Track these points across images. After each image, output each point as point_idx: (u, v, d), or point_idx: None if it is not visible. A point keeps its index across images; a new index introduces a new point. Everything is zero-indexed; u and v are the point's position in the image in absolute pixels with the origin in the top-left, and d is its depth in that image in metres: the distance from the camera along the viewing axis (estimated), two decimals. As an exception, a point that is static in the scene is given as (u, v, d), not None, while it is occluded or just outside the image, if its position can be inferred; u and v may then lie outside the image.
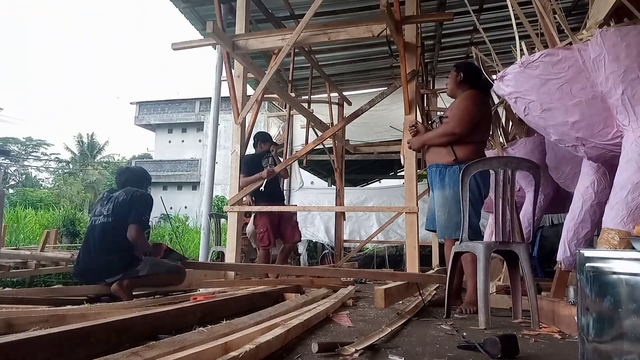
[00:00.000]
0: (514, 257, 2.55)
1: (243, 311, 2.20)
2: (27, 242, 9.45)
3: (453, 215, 2.81)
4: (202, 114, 29.73)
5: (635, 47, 2.03)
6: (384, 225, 7.28)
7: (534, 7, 2.39)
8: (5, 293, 2.79)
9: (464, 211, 2.50)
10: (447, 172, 2.91)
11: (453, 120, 2.93)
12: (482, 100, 3.01)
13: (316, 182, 14.13)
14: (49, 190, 28.83)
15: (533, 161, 2.79)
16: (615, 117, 2.13)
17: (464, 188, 2.48)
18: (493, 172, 2.47)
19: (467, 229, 2.51)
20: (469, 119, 2.90)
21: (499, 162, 2.50)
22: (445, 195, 2.90)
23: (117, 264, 2.92)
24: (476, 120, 2.92)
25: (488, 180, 2.73)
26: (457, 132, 2.89)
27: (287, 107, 7.65)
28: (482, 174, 2.76)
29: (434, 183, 3.01)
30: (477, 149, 2.96)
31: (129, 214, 3.05)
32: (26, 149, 36.72)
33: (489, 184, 2.71)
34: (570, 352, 1.66)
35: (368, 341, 1.66)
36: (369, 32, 4.10)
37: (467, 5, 4.49)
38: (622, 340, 1.19)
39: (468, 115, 2.91)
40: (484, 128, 3.05)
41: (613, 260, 1.25)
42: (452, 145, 2.93)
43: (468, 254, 2.70)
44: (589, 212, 2.54)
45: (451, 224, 2.83)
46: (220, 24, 4.57)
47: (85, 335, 1.48)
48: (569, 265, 2.49)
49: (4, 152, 15.37)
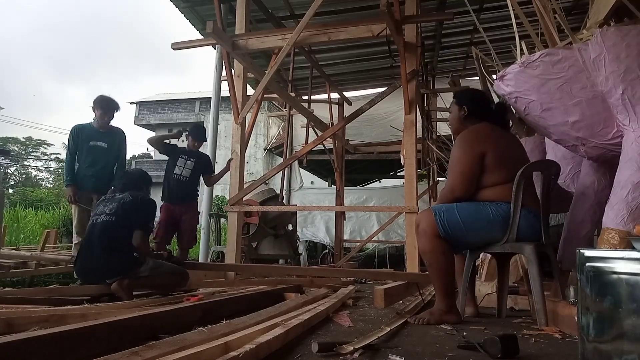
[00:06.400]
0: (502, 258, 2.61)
1: (243, 311, 2.20)
2: (27, 242, 9.45)
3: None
4: (202, 113, 29.70)
5: (636, 46, 2.03)
6: (384, 225, 7.27)
7: (534, 6, 2.39)
8: (5, 293, 2.79)
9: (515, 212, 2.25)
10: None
11: (449, 176, 2.45)
12: (474, 137, 2.37)
13: (316, 182, 14.14)
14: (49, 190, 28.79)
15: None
16: (616, 116, 2.13)
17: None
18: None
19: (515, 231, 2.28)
20: (462, 171, 2.33)
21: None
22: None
23: (118, 264, 2.92)
24: (473, 166, 2.30)
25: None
26: (457, 194, 2.34)
27: (287, 107, 7.65)
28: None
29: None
30: (495, 192, 2.32)
31: (133, 217, 3.06)
32: (26, 149, 36.70)
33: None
34: (570, 352, 1.66)
35: (367, 340, 1.66)
36: (369, 31, 4.10)
37: (467, 5, 4.49)
38: (622, 340, 1.19)
39: (460, 167, 2.33)
40: (496, 162, 2.30)
41: (613, 260, 1.25)
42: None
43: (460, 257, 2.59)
44: (588, 212, 2.54)
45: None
46: (220, 24, 4.57)
47: (85, 335, 1.48)
48: (569, 265, 2.49)
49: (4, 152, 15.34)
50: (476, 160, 2.30)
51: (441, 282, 2.29)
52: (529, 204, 2.31)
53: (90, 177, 4.19)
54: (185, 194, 4.59)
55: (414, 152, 4.26)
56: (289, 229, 6.54)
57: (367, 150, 9.35)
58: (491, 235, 2.32)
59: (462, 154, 2.35)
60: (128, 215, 3.04)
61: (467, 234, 2.30)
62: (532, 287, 2.25)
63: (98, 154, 4.24)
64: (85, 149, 4.22)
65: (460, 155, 2.36)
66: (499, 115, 2.55)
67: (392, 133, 8.19)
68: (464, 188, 2.33)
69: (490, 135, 2.37)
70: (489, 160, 2.30)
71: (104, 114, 4.25)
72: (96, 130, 4.29)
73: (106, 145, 4.28)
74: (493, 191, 2.31)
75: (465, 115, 2.50)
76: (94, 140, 4.25)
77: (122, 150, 4.41)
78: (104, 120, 4.27)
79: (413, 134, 4.29)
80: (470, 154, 2.31)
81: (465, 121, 2.49)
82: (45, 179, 37.68)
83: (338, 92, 7.82)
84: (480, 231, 2.32)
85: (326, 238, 9.67)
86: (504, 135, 2.46)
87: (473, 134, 2.39)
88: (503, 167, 2.31)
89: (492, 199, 2.30)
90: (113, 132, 4.36)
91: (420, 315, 2.27)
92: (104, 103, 4.26)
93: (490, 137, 2.36)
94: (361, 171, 12.02)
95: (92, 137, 4.25)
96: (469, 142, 2.36)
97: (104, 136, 4.29)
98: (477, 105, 2.52)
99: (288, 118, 8.10)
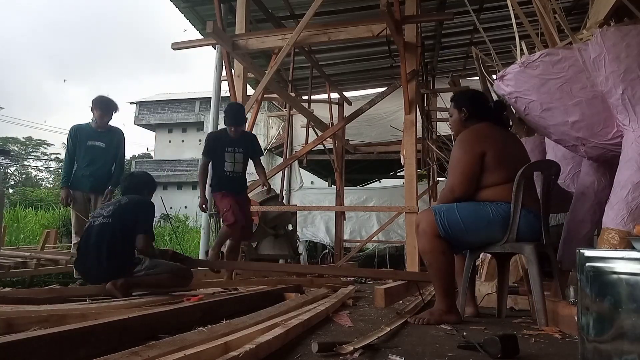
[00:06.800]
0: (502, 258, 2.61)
1: (243, 311, 2.20)
2: (27, 242, 9.45)
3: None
4: (202, 113, 29.74)
5: (636, 46, 2.03)
6: (384, 225, 7.28)
7: (534, 6, 2.39)
8: (5, 293, 2.79)
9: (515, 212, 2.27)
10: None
11: (449, 176, 2.46)
12: (474, 137, 2.38)
13: (316, 182, 14.15)
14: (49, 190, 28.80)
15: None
16: (616, 116, 2.13)
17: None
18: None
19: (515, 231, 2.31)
20: (462, 171, 2.33)
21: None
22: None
23: (114, 267, 2.90)
24: (473, 166, 2.30)
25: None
26: (457, 194, 2.34)
27: (287, 106, 7.65)
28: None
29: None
30: (495, 192, 2.33)
31: (131, 220, 3.05)
32: (26, 149, 36.72)
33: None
34: (570, 352, 1.66)
35: (367, 340, 1.66)
36: (369, 31, 4.10)
37: (467, 5, 4.49)
38: (622, 340, 1.19)
39: (460, 167, 2.34)
40: (496, 162, 2.31)
41: (613, 260, 1.25)
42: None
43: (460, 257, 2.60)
44: (589, 212, 2.54)
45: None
46: (220, 24, 4.57)
47: (85, 335, 1.48)
48: (569, 265, 2.49)
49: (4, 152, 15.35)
50: (476, 160, 2.30)
51: (441, 282, 2.29)
52: (529, 204, 2.30)
53: (87, 177, 4.19)
54: (240, 188, 4.09)
55: (414, 152, 4.27)
56: (289, 229, 6.54)
57: (367, 150, 9.36)
58: (491, 235, 2.32)
59: (462, 154, 2.36)
60: (125, 218, 3.03)
61: (467, 234, 2.30)
62: (532, 287, 2.25)
63: (96, 153, 4.24)
64: (84, 149, 4.22)
65: (461, 156, 2.36)
66: (499, 114, 2.55)
67: (392, 133, 8.19)
68: (464, 188, 2.33)
69: (490, 134, 2.38)
70: (489, 159, 2.30)
71: (102, 115, 4.25)
72: (94, 130, 4.29)
73: (104, 145, 4.28)
74: (493, 191, 2.31)
75: (466, 118, 2.49)
76: (92, 140, 4.25)
77: (121, 150, 4.41)
78: (103, 120, 4.27)
79: (413, 134, 4.30)
80: (471, 154, 2.32)
81: (466, 123, 2.49)
82: (45, 179, 37.72)
83: (338, 92, 7.82)
84: (480, 231, 2.32)
85: (326, 238, 9.68)
86: (504, 134, 2.46)
87: (473, 133, 2.40)
88: (503, 166, 2.31)
89: (492, 199, 2.30)
90: (111, 132, 4.36)
91: (420, 315, 2.27)
92: (102, 104, 4.26)
93: (490, 137, 2.36)
94: (361, 171, 12.02)
95: (91, 137, 4.25)
96: (469, 142, 2.36)
97: (102, 136, 4.29)
98: (476, 106, 2.52)
99: (288, 118, 8.11)
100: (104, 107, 4.26)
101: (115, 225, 2.99)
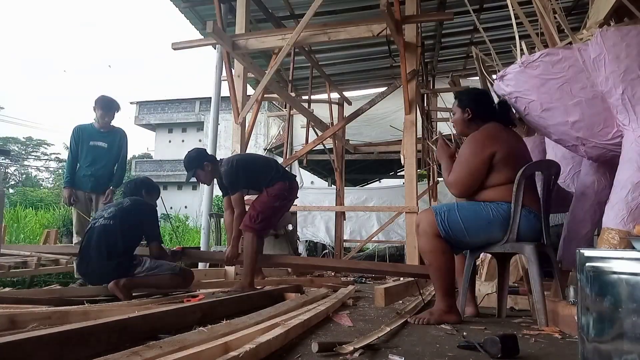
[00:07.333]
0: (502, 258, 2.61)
1: (243, 311, 2.20)
2: (27, 242, 9.46)
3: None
4: (202, 113, 29.73)
5: (636, 46, 2.03)
6: (384, 225, 7.27)
7: (534, 6, 2.39)
8: (6, 293, 2.80)
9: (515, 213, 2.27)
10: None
11: (455, 169, 2.41)
12: (485, 138, 2.35)
13: (316, 182, 14.16)
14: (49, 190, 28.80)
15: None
16: (615, 116, 2.14)
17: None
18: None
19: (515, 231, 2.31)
20: (470, 171, 2.33)
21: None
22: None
23: (115, 268, 2.92)
24: (480, 168, 2.31)
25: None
26: (461, 191, 2.38)
27: (287, 106, 7.65)
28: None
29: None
30: (496, 193, 2.32)
31: (134, 223, 3.11)
32: (26, 149, 36.72)
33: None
34: (570, 352, 1.66)
35: (367, 340, 1.66)
36: (369, 31, 4.10)
37: (467, 5, 4.49)
38: (622, 340, 1.19)
39: (469, 166, 2.33)
40: (503, 163, 2.31)
41: (613, 260, 1.25)
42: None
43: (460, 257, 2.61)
44: (588, 211, 2.54)
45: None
46: (220, 24, 4.57)
47: (85, 335, 1.48)
48: (569, 265, 2.49)
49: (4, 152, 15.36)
50: (485, 162, 2.30)
51: (441, 282, 2.29)
52: (530, 204, 2.30)
53: (89, 177, 4.20)
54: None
55: (414, 152, 4.27)
56: (289, 229, 6.53)
57: (367, 150, 9.36)
58: (491, 235, 2.32)
59: (472, 155, 2.34)
60: (127, 220, 3.06)
61: (468, 234, 2.30)
62: (532, 287, 2.24)
63: (98, 154, 4.25)
64: (86, 149, 4.23)
65: (470, 156, 2.34)
66: (504, 113, 2.51)
67: (392, 133, 8.18)
68: (467, 189, 2.36)
69: (500, 135, 2.36)
70: (497, 160, 2.30)
71: (104, 114, 4.26)
72: (97, 130, 4.29)
73: (106, 145, 4.29)
74: (494, 192, 2.32)
75: (470, 118, 2.46)
76: (95, 140, 4.26)
77: (123, 150, 4.42)
78: (105, 120, 4.27)
79: (413, 134, 4.30)
80: (480, 156, 2.31)
81: (470, 123, 2.46)
82: (45, 179, 37.72)
83: (338, 92, 7.82)
84: (481, 231, 2.32)
85: (326, 238, 9.68)
86: (511, 135, 2.45)
87: (484, 134, 2.37)
88: (509, 166, 2.30)
89: (493, 200, 2.31)
90: (114, 132, 4.37)
91: (420, 315, 2.27)
92: (104, 103, 4.27)
93: (499, 137, 2.35)
94: (361, 171, 12.03)
95: (93, 137, 4.26)
96: (480, 143, 2.34)
97: (105, 136, 4.29)
98: (481, 106, 2.47)
99: (288, 118, 8.10)
100: (106, 106, 4.27)
101: (117, 227, 3.01)
